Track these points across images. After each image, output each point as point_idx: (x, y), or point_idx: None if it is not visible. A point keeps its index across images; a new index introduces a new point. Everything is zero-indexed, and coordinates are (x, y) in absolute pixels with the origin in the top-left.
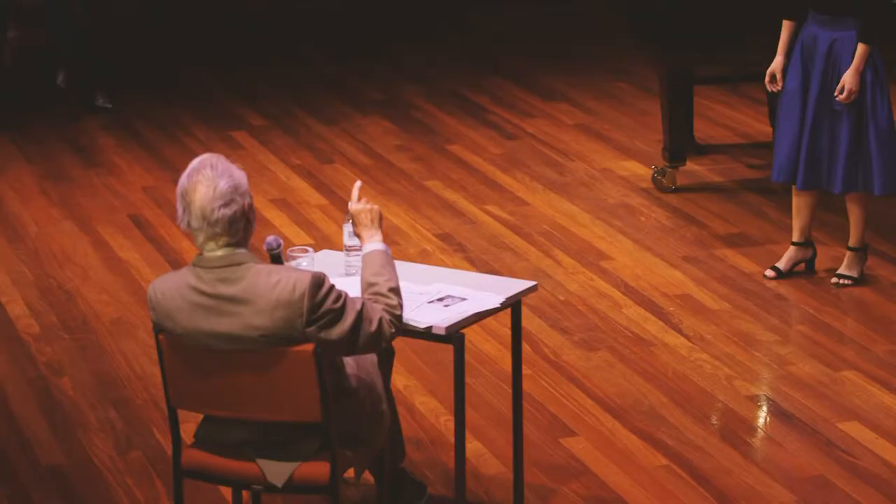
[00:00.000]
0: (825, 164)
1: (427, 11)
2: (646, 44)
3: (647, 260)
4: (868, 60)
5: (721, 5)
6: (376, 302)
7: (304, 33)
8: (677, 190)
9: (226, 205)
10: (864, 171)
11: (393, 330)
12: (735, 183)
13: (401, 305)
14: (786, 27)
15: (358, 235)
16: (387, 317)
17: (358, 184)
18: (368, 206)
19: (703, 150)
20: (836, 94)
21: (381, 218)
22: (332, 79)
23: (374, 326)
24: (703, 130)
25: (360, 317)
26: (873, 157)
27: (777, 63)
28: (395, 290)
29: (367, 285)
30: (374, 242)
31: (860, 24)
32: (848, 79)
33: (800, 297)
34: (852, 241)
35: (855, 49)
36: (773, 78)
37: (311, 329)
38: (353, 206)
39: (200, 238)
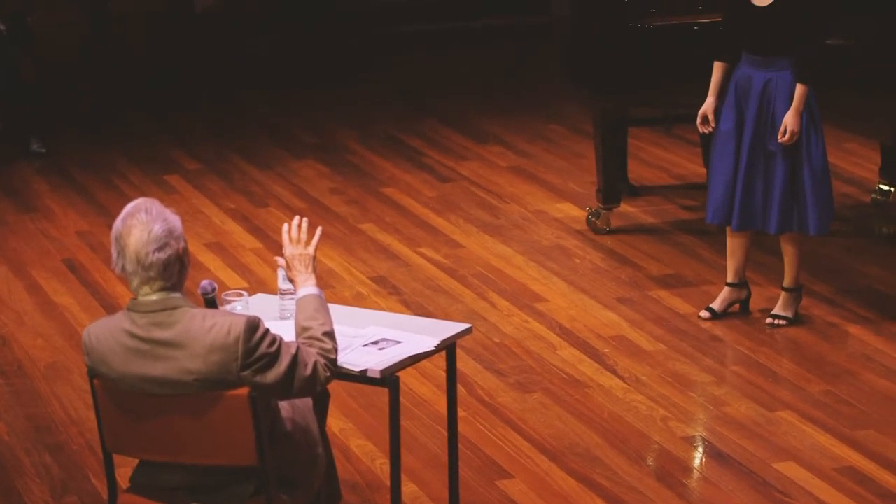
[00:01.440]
0: (760, 204)
1: (360, 55)
2: (579, 86)
3: (581, 302)
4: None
5: (653, 47)
6: (311, 346)
7: (238, 77)
8: (611, 231)
9: (160, 249)
10: (799, 212)
11: (328, 374)
12: (669, 224)
13: (335, 349)
14: (717, 68)
15: (291, 280)
16: (322, 361)
17: (285, 227)
18: (300, 252)
19: (637, 192)
20: (779, 136)
21: (314, 262)
22: (266, 123)
23: (309, 370)
24: (636, 172)
25: (295, 361)
26: (808, 197)
27: (709, 104)
28: (330, 335)
29: (301, 329)
30: (307, 287)
31: (797, 65)
32: (789, 120)
33: (735, 338)
34: (787, 282)
35: (789, 89)
36: (704, 119)
37: (246, 373)
38: (286, 250)
39: (135, 282)
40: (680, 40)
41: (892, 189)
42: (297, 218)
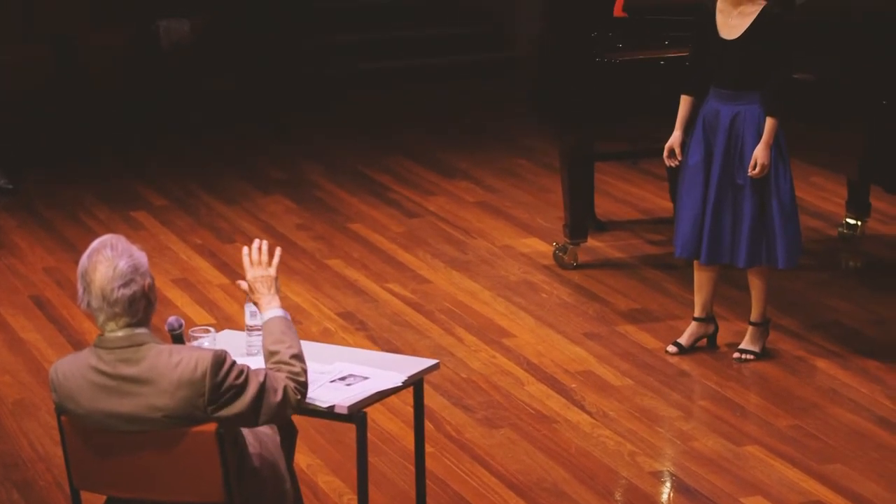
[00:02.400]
0: (729, 238)
1: (327, 91)
2: (545, 121)
3: (549, 337)
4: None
5: (619, 82)
6: (279, 370)
7: (205, 113)
8: (579, 267)
9: (125, 285)
10: (767, 246)
11: (298, 397)
12: (636, 259)
13: (304, 371)
14: (684, 102)
15: (256, 304)
16: (291, 384)
17: (245, 250)
18: (262, 273)
19: (604, 227)
20: (749, 169)
21: (276, 282)
22: (232, 158)
23: (279, 395)
24: (603, 207)
25: (264, 388)
26: (777, 231)
27: (675, 138)
28: (298, 357)
29: (269, 354)
30: (272, 309)
31: (767, 99)
32: (760, 154)
33: (702, 373)
34: (754, 316)
35: (757, 122)
36: (671, 153)
37: (213, 407)
38: (248, 274)
39: (101, 318)
40: (646, 75)
41: (859, 223)
42: (256, 241)
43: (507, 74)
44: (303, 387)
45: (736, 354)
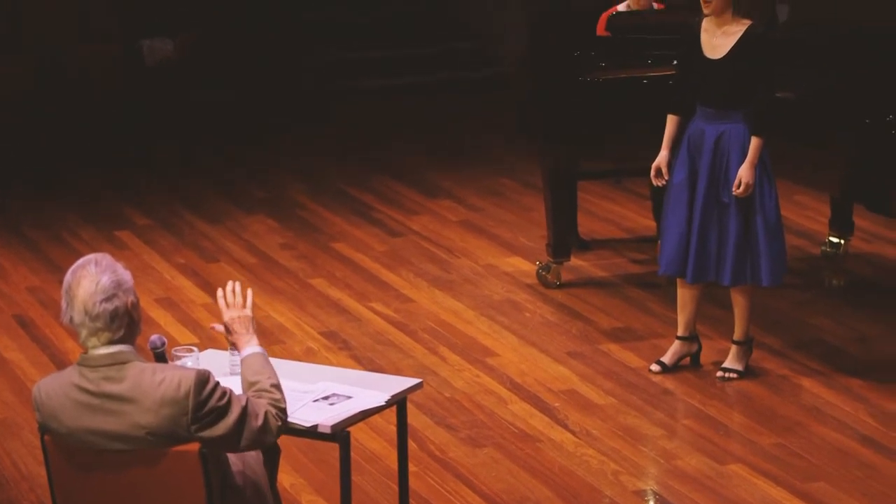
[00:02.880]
0: (714, 257)
1: (310, 110)
2: (529, 140)
3: (532, 356)
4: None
5: (603, 101)
6: (260, 398)
7: (188, 133)
8: (562, 285)
9: (107, 299)
10: (752, 264)
11: (279, 423)
12: (619, 278)
13: (284, 399)
14: (671, 121)
15: (234, 344)
16: (272, 410)
17: (219, 293)
18: (238, 314)
19: (587, 246)
20: (733, 188)
21: (253, 322)
22: (216, 178)
23: (260, 421)
24: (587, 225)
25: (246, 412)
26: (762, 249)
27: (662, 157)
28: (278, 387)
29: (248, 385)
30: (250, 347)
31: (752, 118)
32: (744, 173)
33: (685, 391)
34: (737, 335)
35: (742, 141)
36: (658, 172)
37: (197, 426)
38: (224, 316)
39: (83, 333)
40: (630, 94)
41: (842, 242)
42: (230, 283)
43: (491, 93)
44: (284, 413)
45: (719, 373)
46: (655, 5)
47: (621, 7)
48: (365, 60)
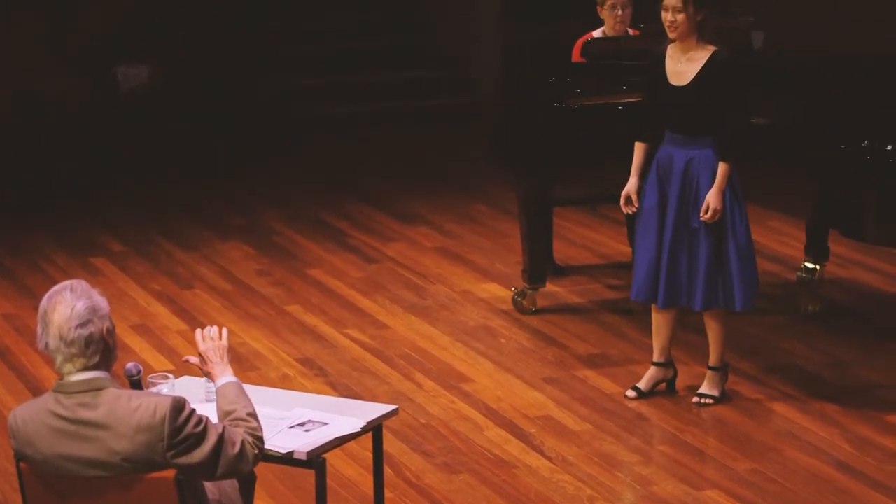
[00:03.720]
0: (685, 282)
1: (286, 136)
2: (504, 166)
3: (508, 382)
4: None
5: (578, 127)
6: (237, 426)
7: (163, 159)
8: (537, 312)
9: (82, 325)
10: (724, 288)
11: (256, 451)
12: (595, 304)
13: (260, 427)
14: (639, 148)
15: (209, 374)
16: (249, 439)
17: (198, 332)
18: (213, 344)
19: (562, 272)
20: (701, 214)
21: (227, 352)
22: (191, 204)
23: (237, 449)
24: (562, 251)
25: (222, 440)
26: (734, 273)
27: (632, 184)
28: (254, 415)
29: (224, 414)
30: (225, 376)
31: (720, 144)
32: (712, 198)
33: (661, 417)
34: (712, 360)
35: (711, 167)
36: (628, 200)
37: (173, 453)
38: (200, 347)
39: (58, 359)
40: (605, 120)
41: (817, 267)
42: (207, 328)
43: (466, 120)
44: (260, 441)
45: (695, 399)
46: (631, 31)
47: (597, 33)
48: (341, 88)
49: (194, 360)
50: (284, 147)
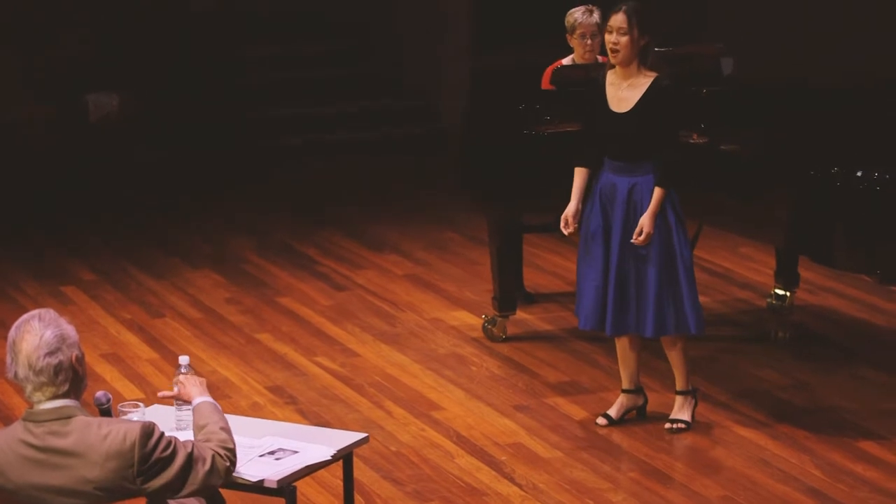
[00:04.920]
0: (634, 309)
1: (254, 165)
2: (473, 194)
3: (478, 409)
4: (667, 203)
5: (547, 154)
6: (208, 441)
7: (133, 188)
8: (508, 339)
9: (51, 353)
10: (676, 313)
11: (227, 463)
12: (565, 331)
13: (233, 441)
14: (579, 174)
15: (184, 398)
16: (220, 451)
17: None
18: (191, 376)
19: (532, 299)
20: (633, 236)
21: (204, 385)
22: (161, 233)
23: (207, 465)
24: (532, 279)
25: (191, 457)
26: (684, 297)
27: (571, 209)
28: (226, 429)
29: (198, 428)
30: (202, 397)
31: (657, 170)
32: (646, 222)
33: (632, 444)
34: (679, 385)
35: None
36: (566, 222)
37: (143, 478)
38: (181, 377)
39: (28, 388)
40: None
41: (788, 294)
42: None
43: (436, 147)
44: (232, 454)
45: (667, 425)
46: (600, 58)
47: (566, 61)
48: (310, 117)
49: (168, 393)
50: (254, 175)
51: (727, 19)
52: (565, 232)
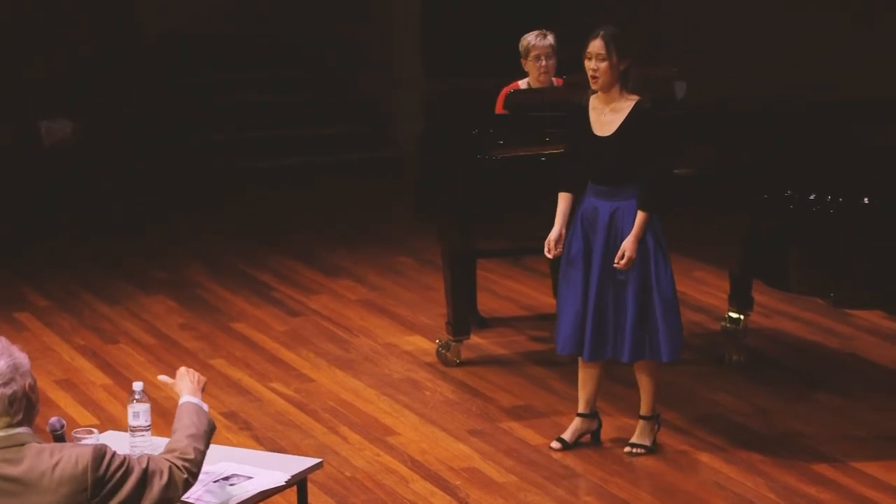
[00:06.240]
0: (611, 334)
1: (209, 189)
2: (427, 218)
3: (433, 434)
4: (648, 228)
5: (501, 179)
6: (172, 450)
7: (86, 213)
8: (462, 364)
9: (5, 384)
10: (650, 339)
11: (185, 476)
12: (519, 355)
13: (197, 450)
14: (563, 199)
15: (178, 388)
16: (178, 463)
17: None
18: (192, 372)
19: (486, 324)
20: (615, 260)
21: (203, 386)
22: (115, 258)
23: (164, 477)
24: (486, 303)
25: (146, 473)
26: (659, 324)
27: (555, 232)
28: (195, 437)
29: (172, 433)
30: (189, 395)
31: (640, 193)
32: (628, 246)
33: (586, 468)
34: (643, 410)
35: (636, 217)
36: (549, 247)
37: (98, 499)
38: (182, 369)
39: None
40: (528, 171)
41: (742, 317)
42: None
43: (390, 172)
44: (192, 465)
45: (627, 449)
46: (556, 81)
47: (522, 84)
48: (264, 141)
49: (166, 378)
50: (207, 201)
51: (679, 41)
52: (549, 256)
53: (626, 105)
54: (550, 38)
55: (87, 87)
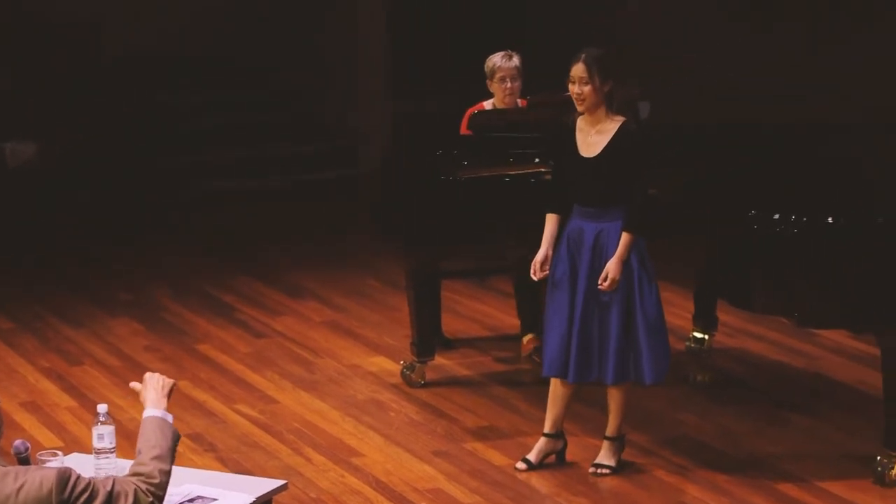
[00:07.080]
0: (596, 356)
1: (172, 212)
2: (391, 239)
3: (397, 455)
4: (634, 250)
5: (465, 199)
6: (135, 475)
7: (51, 235)
8: (426, 385)
9: None
10: (634, 362)
11: (151, 499)
12: (484, 376)
13: (163, 472)
14: (550, 220)
15: (143, 398)
16: (142, 486)
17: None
18: (159, 378)
19: (451, 345)
20: (599, 281)
21: (171, 390)
22: (79, 280)
23: (129, 500)
24: (450, 324)
25: (111, 495)
26: (642, 346)
27: (541, 254)
28: (160, 458)
29: (136, 453)
30: (154, 409)
31: (625, 215)
32: (612, 267)
33: (551, 489)
34: (610, 431)
35: (620, 239)
36: (535, 269)
37: None
38: (147, 375)
39: None
40: (492, 192)
41: (706, 337)
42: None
43: (354, 193)
44: (157, 488)
45: (591, 469)
46: (521, 102)
47: (487, 104)
48: (228, 162)
49: (137, 385)
50: (171, 222)
51: (641, 61)
52: (535, 278)
53: (612, 126)
54: (516, 60)
55: (51, 108)
